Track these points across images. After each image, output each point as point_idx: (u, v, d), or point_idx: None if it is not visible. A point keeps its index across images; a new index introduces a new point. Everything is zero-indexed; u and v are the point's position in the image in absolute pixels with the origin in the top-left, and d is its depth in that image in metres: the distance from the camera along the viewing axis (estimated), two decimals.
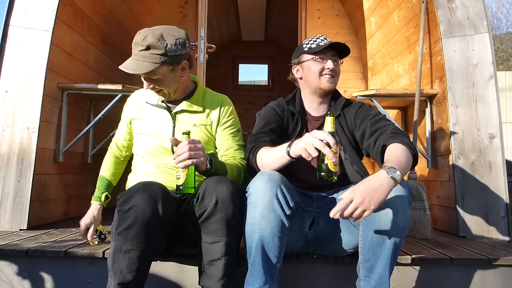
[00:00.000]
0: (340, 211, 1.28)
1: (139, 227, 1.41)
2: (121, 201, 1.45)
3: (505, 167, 2.45)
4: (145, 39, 1.55)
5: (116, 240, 1.45)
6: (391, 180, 1.30)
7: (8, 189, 2.37)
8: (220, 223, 1.47)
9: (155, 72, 1.57)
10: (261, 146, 1.61)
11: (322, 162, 1.34)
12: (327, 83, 1.74)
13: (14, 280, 1.82)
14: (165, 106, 1.75)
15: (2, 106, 2.43)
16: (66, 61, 2.78)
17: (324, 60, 1.74)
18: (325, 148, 1.30)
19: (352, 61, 4.20)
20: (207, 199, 1.47)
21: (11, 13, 2.49)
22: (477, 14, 2.57)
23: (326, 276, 1.82)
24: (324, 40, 1.76)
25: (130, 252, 1.42)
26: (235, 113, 1.83)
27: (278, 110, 1.79)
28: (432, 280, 1.84)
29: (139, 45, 1.56)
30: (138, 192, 1.43)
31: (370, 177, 1.32)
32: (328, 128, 1.36)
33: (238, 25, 6.38)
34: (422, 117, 2.86)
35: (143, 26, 1.74)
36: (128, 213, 1.41)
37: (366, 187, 1.28)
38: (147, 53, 1.54)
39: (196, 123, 1.74)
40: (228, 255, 1.49)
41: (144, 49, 1.55)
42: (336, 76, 1.76)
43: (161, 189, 1.49)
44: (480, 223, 2.40)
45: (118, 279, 1.43)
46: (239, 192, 1.49)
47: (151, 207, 1.41)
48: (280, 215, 1.42)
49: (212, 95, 1.83)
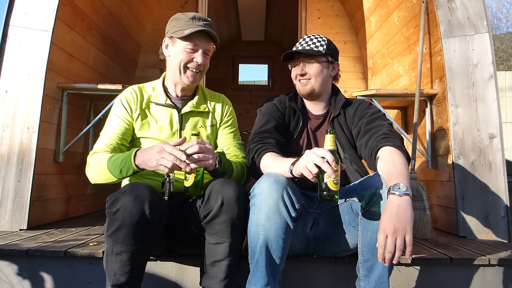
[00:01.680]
0: (384, 253, 1.26)
1: (127, 229, 1.38)
2: (109, 203, 1.43)
3: (505, 167, 2.45)
4: (201, 17, 1.68)
5: (107, 242, 1.44)
6: (404, 197, 1.30)
7: (8, 189, 2.37)
8: (225, 225, 1.47)
9: (211, 46, 1.70)
10: (267, 151, 1.60)
11: (322, 180, 1.31)
12: (301, 87, 1.76)
13: (14, 280, 1.82)
14: (174, 105, 1.74)
15: (2, 106, 2.43)
16: (66, 61, 2.78)
17: (295, 66, 1.77)
18: (324, 164, 1.28)
19: (352, 61, 4.20)
20: (212, 200, 1.47)
21: (11, 13, 2.49)
22: (477, 14, 2.57)
23: (326, 276, 1.82)
24: (301, 43, 1.78)
25: (121, 254, 1.41)
26: (234, 113, 1.87)
27: (280, 106, 1.79)
28: (432, 280, 1.84)
29: (201, 20, 1.67)
30: (124, 194, 1.40)
31: (385, 208, 1.31)
32: (328, 146, 1.34)
33: (238, 25, 6.38)
34: (422, 117, 2.86)
35: (143, 26, 1.75)
36: (116, 216, 1.39)
37: (389, 217, 1.27)
38: (209, 29, 1.66)
39: (204, 124, 1.77)
40: (231, 256, 1.49)
41: (208, 23, 1.68)
42: (312, 77, 1.73)
43: (148, 190, 1.43)
44: (480, 223, 2.40)
45: (112, 281, 1.43)
46: (244, 194, 1.50)
47: (137, 208, 1.38)
48: (285, 217, 1.42)
49: (211, 94, 1.85)
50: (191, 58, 1.67)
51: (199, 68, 1.69)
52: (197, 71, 1.69)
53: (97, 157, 1.60)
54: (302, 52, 1.73)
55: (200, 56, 1.66)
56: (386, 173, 1.41)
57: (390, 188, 1.32)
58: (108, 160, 1.54)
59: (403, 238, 1.25)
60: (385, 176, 1.40)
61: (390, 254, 1.25)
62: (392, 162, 1.42)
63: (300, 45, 1.77)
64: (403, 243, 1.25)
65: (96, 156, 1.61)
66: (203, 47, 1.67)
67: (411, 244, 1.26)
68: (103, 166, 1.55)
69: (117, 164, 1.51)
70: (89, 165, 1.63)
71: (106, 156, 1.56)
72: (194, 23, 1.64)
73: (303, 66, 1.74)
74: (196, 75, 1.70)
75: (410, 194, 1.31)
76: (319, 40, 1.76)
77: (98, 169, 1.58)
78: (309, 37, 1.79)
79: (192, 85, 1.73)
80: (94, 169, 1.60)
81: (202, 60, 1.67)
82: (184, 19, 1.66)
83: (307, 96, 1.78)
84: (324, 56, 1.74)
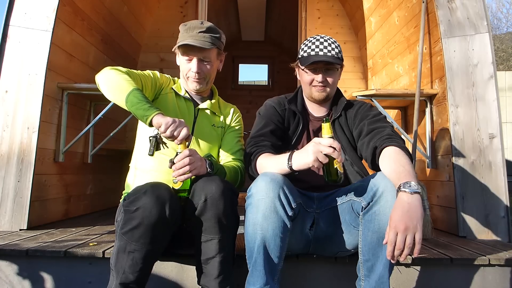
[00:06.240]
0: (393, 250, 1.27)
1: (145, 228, 1.42)
2: (128, 201, 1.46)
3: (505, 167, 2.45)
4: (203, 24, 1.71)
5: (120, 239, 1.45)
6: (415, 195, 1.31)
7: (8, 189, 2.37)
8: (211, 221, 1.49)
9: (210, 52, 1.71)
10: (261, 152, 1.60)
11: (331, 166, 1.38)
12: (317, 93, 1.73)
13: (14, 280, 1.82)
14: (191, 98, 1.81)
15: (2, 106, 2.43)
16: (66, 61, 2.78)
17: (315, 72, 1.70)
18: (335, 152, 1.33)
19: (352, 61, 4.20)
20: (196, 198, 1.50)
21: (11, 13, 2.49)
22: (477, 14, 2.57)
23: (326, 276, 1.82)
24: (319, 46, 1.69)
25: (134, 253, 1.43)
26: (242, 122, 1.94)
27: (279, 109, 1.78)
28: (432, 280, 1.84)
29: (197, 28, 1.69)
30: (146, 194, 1.44)
31: (395, 205, 1.32)
32: (327, 134, 1.40)
33: (238, 25, 6.38)
34: (422, 117, 2.86)
35: (143, 26, 1.77)
36: (135, 214, 1.42)
37: (400, 214, 1.28)
38: (207, 35, 1.69)
39: (215, 124, 1.82)
40: (223, 252, 1.51)
41: (203, 31, 1.69)
42: (328, 85, 1.72)
43: (169, 191, 1.50)
44: (480, 223, 2.40)
45: (120, 279, 1.44)
46: (229, 190, 1.51)
47: (158, 209, 1.42)
48: (282, 216, 1.42)
49: (224, 104, 1.94)
50: (188, 68, 1.74)
51: (199, 76, 1.74)
52: (198, 78, 1.74)
53: (122, 74, 1.58)
54: (326, 60, 1.66)
55: (195, 64, 1.72)
56: (393, 171, 1.41)
57: (400, 186, 1.33)
58: (131, 92, 1.52)
59: (413, 236, 1.27)
60: (392, 175, 1.41)
61: (399, 251, 1.26)
62: (400, 161, 1.43)
63: (320, 50, 1.68)
64: (413, 241, 1.26)
65: (121, 73, 1.59)
66: (197, 56, 1.71)
67: (420, 243, 1.27)
68: (123, 89, 1.54)
69: (137, 102, 1.50)
70: (110, 74, 1.60)
71: (131, 86, 1.54)
72: (188, 33, 1.70)
73: (324, 74, 1.70)
74: (198, 81, 1.75)
75: (420, 193, 1.32)
76: (336, 46, 1.71)
77: (116, 85, 1.56)
78: (326, 41, 1.70)
79: (200, 89, 1.78)
80: (113, 82, 1.58)
81: (197, 68, 1.72)
82: (181, 31, 1.74)
83: (320, 101, 1.77)
84: (342, 63, 1.73)
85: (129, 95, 1.52)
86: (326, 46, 1.69)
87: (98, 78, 1.63)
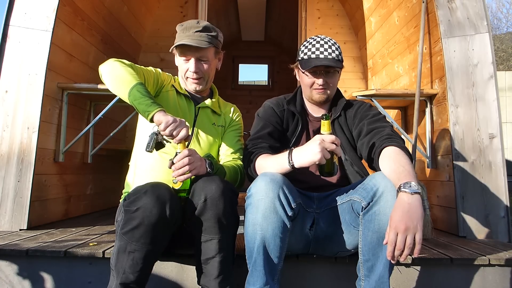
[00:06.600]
0: (394, 250, 1.27)
1: (145, 228, 1.42)
2: (129, 202, 1.46)
3: (505, 167, 2.45)
4: (199, 23, 1.71)
5: (120, 239, 1.45)
6: (415, 195, 1.31)
7: (8, 189, 2.37)
8: (211, 221, 1.49)
9: (208, 51, 1.71)
10: (260, 153, 1.61)
11: (331, 161, 1.41)
12: (317, 96, 1.73)
13: (14, 280, 1.82)
14: (191, 97, 1.81)
15: (2, 106, 2.43)
16: (66, 61, 2.78)
17: (316, 75, 1.69)
18: (338, 148, 1.38)
19: (352, 61, 4.21)
20: (196, 198, 1.50)
21: (11, 13, 2.49)
22: (477, 14, 2.57)
23: (326, 276, 1.82)
24: (319, 49, 1.67)
25: (134, 253, 1.43)
26: (242, 122, 1.94)
27: (277, 110, 1.78)
28: (432, 280, 1.84)
29: (194, 28, 1.69)
30: (146, 194, 1.44)
31: (396, 205, 1.32)
32: (327, 131, 1.43)
33: (238, 25, 6.38)
34: (422, 117, 2.86)
35: (143, 26, 1.77)
36: (135, 214, 1.42)
37: (400, 214, 1.28)
38: (203, 34, 1.69)
39: (216, 122, 1.83)
40: (222, 252, 1.51)
41: (200, 31, 1.69)
42: (329, 87, 1.71)
43: (169, 191, 1.50)
44: (480, 223, 2.40)
45: (120, 279, 1.44)
46: (229, 190, 1.51)
47: (158, 209, 1.42)
48: (282, 216, 1.42)
49: (224, 103, 1.94)
50: (186, 68, 1.74)
51: (198, 75, 1.74)
52: (196, 78, 1.75)
53: (126, 67, 1.59)
54: (327, 64, 1.65)
55: (193, 64, 1.72)
56: (393, 171, 1.41)
57: (401, 186, 1.33)
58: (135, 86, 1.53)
59: (413, 236, 1.27)
60: (392, 175, 1.41)
61: (399, 252, 1.26)
62: (400, 161, 1.43)
63: (321, 53, 1.67)
64: (413, 241, 1.26)
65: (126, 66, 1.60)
66: (195, 56, 1.71)
67: (420, 243, 1.27)
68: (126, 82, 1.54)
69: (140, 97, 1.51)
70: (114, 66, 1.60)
71: (135, 79, 1.55)
72: (184, 33, 1.70)
73: (325, 77, 1.69)
74: (197, 81, 1.76)
75: (421, 193, 1.33)
76: (337, 48, 1.70)
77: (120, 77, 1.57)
78: (326, 43, 1.69)
79: (199, 90, 1.79)
80: (117, 74, 1.58)
81: (195, 68, 1.72)
82: (178, 31, 1.74)
83: (320, 103, 1.77)
84: (342, 65, 1.72)
85: (133, 89, 1.53)
86: (327, 49, 1.68)
87: (102, 69, 1.64)
